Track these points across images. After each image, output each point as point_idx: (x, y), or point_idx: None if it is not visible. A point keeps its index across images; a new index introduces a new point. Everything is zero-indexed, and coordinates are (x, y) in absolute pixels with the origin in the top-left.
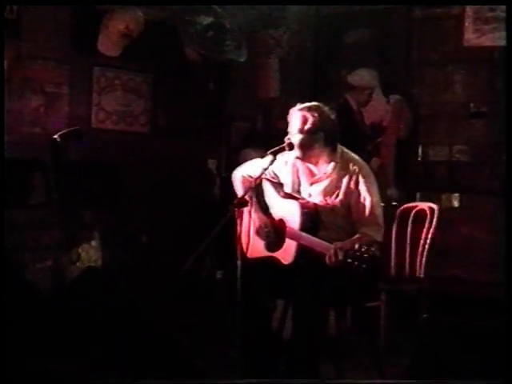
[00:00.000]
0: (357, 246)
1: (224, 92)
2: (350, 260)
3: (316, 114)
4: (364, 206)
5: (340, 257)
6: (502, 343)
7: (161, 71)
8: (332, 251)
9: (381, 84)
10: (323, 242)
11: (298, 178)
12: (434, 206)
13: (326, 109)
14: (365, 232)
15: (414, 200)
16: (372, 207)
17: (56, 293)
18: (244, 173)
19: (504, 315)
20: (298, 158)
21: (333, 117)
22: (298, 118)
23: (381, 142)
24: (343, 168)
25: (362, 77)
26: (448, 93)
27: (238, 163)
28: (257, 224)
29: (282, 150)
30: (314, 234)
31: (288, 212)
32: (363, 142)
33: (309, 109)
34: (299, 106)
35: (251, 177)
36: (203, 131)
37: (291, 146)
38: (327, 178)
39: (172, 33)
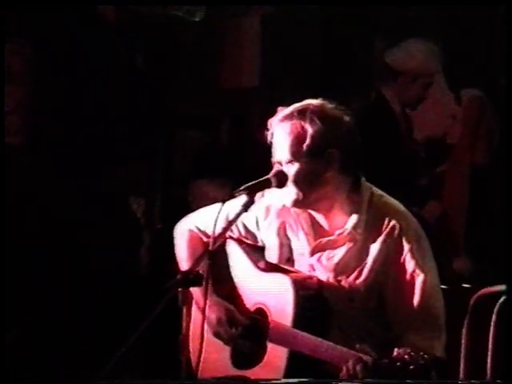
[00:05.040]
0: (396, 351)
1: (162, 75)
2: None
3: (317, 120)
4: (410, 292)
5: (366, 366)
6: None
7: (50, 36)
8: (355, 358)
9: (445, 70)
10: (337, 347)
11: (289, 238)
12: None
13: (331, 107)
14: (411, 341)
15: (501, 280)
16: (424, 295)
17: None
18: (194, 226)
19: None
20: (295, 203)
21: (348, 119)
22: (285, 134)
23: (443, 173)
24: (373, 224)
25: (412, 55)
26: None
27: (186, 206)
28: (215, 318)
29: (266, 185)
30: (321, 336)
31: (273, 296)
32: (411, 173)
33: (301, 113)
34: (283, 111)
35: (207, 234)
36: (123, 145)
37: (282, 179)
38: (344, 241)
39: None
